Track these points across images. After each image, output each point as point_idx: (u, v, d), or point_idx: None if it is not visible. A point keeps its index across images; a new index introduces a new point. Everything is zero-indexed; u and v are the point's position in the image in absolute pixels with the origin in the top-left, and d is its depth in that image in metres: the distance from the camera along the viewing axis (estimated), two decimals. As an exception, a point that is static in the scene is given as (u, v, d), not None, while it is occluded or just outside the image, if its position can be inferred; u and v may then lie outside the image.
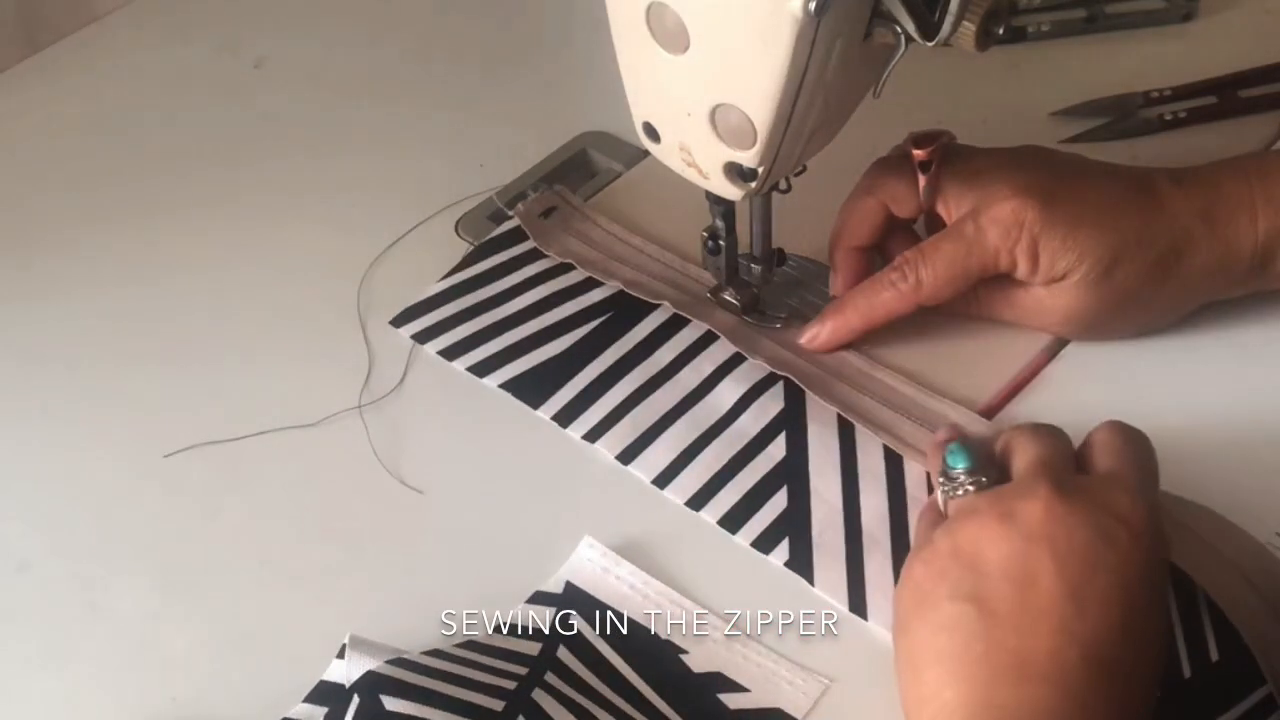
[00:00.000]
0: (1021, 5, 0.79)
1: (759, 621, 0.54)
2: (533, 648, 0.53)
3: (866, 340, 0.62)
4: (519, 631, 0.53)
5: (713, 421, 0.60)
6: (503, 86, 0.80)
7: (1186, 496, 0.55)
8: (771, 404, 0.60)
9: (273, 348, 0.66)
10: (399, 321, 0.66)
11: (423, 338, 0.65)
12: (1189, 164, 0.61)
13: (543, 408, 0.61)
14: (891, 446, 0.58)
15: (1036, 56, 0.78)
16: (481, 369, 0.63)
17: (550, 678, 0.51)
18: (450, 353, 0.64)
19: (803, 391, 0.60)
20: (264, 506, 0.60)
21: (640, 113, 0.57)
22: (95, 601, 0.57)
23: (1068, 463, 0.50)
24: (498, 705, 0.49)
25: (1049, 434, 0.51)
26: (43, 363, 0.67)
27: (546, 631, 0.53)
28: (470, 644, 0.52)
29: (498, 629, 0.53)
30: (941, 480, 0.51)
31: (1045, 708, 0.44)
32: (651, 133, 0.57)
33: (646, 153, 0.61)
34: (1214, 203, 0.58)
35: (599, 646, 0.53)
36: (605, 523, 0.57)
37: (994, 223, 0.58)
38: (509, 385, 0.62)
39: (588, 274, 0.66)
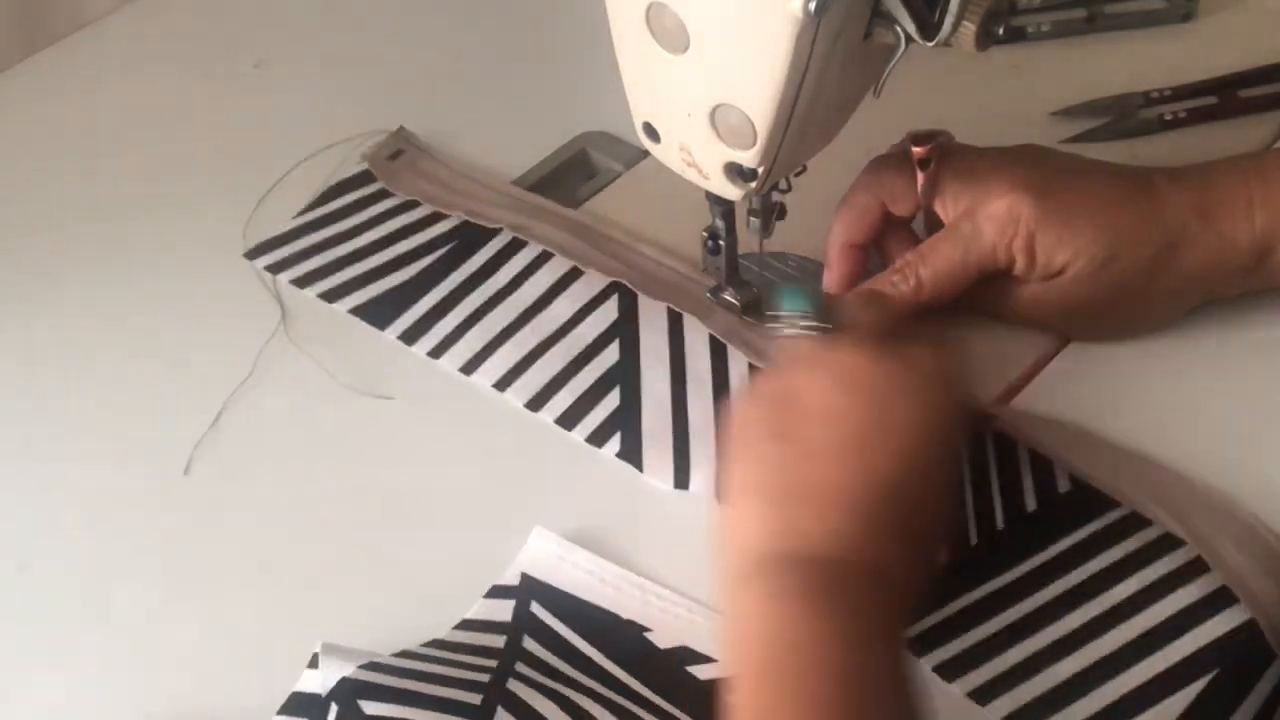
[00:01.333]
0: (1021, 5, 0.79)
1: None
2: (498, 641, 0.53)
3: (867, 340, 0.62)
4: (481, 627, 0.54)
5: (551, 331, 0.65)
6: (503, 86, 0.80)
7: (1180, 496, 0.55)
8: (607, 314, 0.65)
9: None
10: (253, 255, 0.70)
11: (275, 269, 0.70)
12: (1189, 164, 0.61)
13: (390, 328, 0.66)
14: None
15: (1036, 56, 0.78)
16: (331, 295, 0.68)
17: (521, 668, 0.51)
18: (301, 281, 0.69)
19: (636, 301, 0.65)
20: (265, 506, 0.60)
21: (640, 113, 0.57)
22: (95, 601, 0.57)
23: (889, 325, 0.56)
24: (475, 699, 0.49)
25: (877, 294, 0.58)
26: (42, 363, 0.67)
27: (509, 623, 0.54)
28: (436, 643, 0.52)
29: (461, 626, 0.54)
30: (776, 315, 0.56)
31: (837, 530, 0.48)
32: (651, 133, 0.57)
33: (646, 153, 0.61)
34: (1210, 200, 0.58)
35: (563, 633, 0.54)
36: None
37: (990, 220, 0.58)
38: (358, 310, 0.67)
39: (433, 209, 0.71)
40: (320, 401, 0.64)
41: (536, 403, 0.62)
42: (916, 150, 0.59)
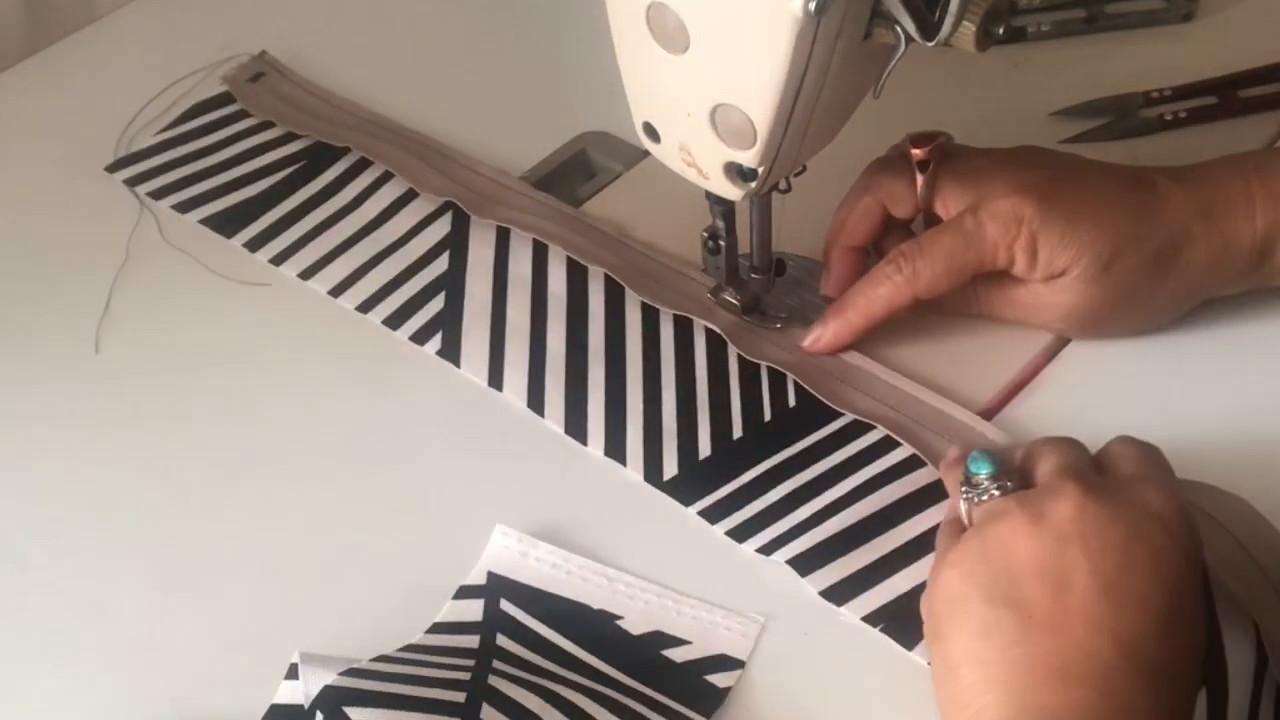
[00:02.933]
0: (1021, 5, 0.79)
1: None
2: (472, 641, 0.53)
3: (867, 342, 0.62)
4: (453, 628, 0.54)
5: (388, 243, 0.69)
6: (503, 86, 0.80)
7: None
8: (440, 229, 0.70)
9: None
10: (114, 168, 0.75)
11: (133, 182, 0.74)
12: (1189, 164, 0.61)
13: (237, 237, 0.70)
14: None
15: (1036, 56, 0.78)
16: (183, 207, 0.72)
17: (499, 664, 0.52)
18: (157, 194, 0.73)
19: (468, 220, 0.69)
20: (265, 506, 0.60)
21: (640, 113, 0.57)
22: (95, 601, 0.57)
23: (1091, 468, 0.50)
24: (459, 697, 0.49)
25: (1069, 443, 0.51)
26: (42, 362, 0.67)
27: (481, 622, 0.54)
28: (411, 647, 0.52)
29: (433, 629, 0.54)
30: (965, 488, 0.50)
31: (1086, 709, 0.43)
32: (651, 133, 0.57)
33: (646, 153, 0.61)
34: (1212, 198, 0.58)
35: (536, 628, 0.54)
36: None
37: (993, 218, 0.58)
38: (209, 220, 0.71)
39: (287, 129, 0.76)
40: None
41: (367, 306, 0.67)
42: (916, 152, 0.59)
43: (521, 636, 0.54)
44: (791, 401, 0.61)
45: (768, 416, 0.61)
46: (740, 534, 0.57)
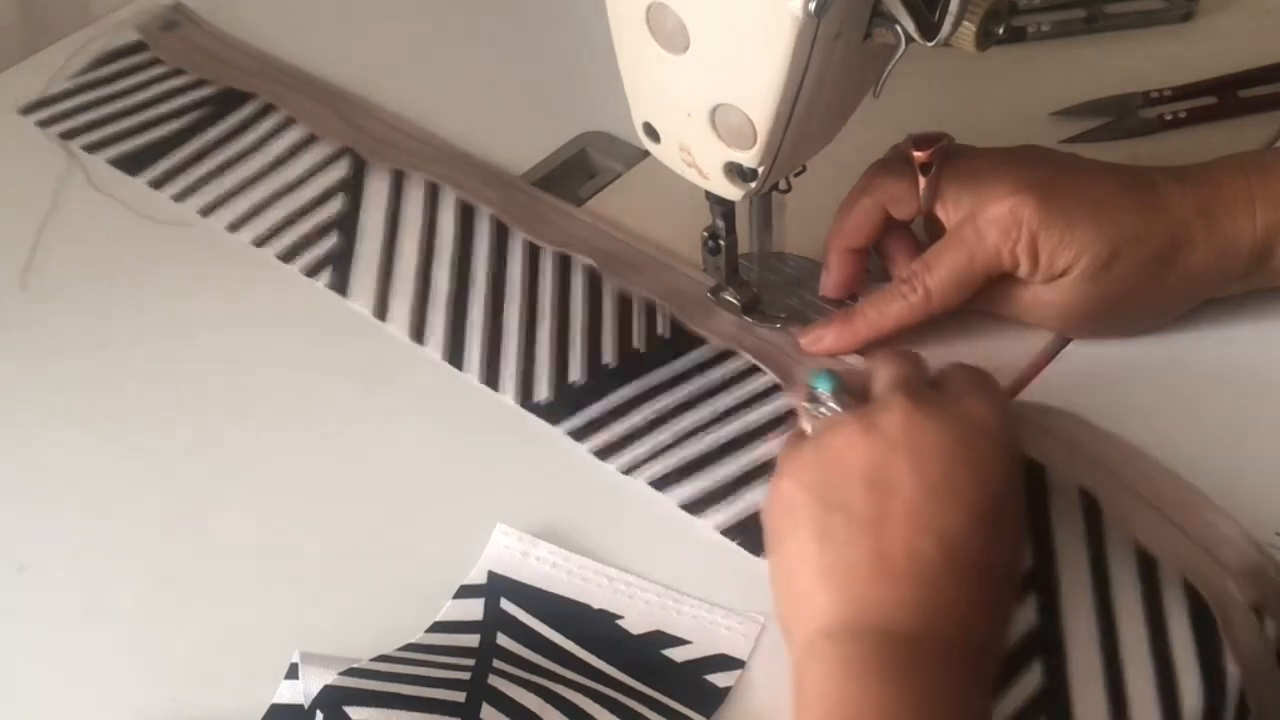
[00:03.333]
0: (1021, 5, 0.79)
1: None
2: (472, 640, 0.53)
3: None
4: (453, 627, 0.54)
5: (287, 183, 0.73)
6: (502, 86, 0.80)
7: (1185, 495, 0.55)
8: (337, 172, 0.73)
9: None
10: (26, 111, 0.78)
11: (45, 124, 0.78)
12: (1189, 164, 0.61)
13: (142, 175, 0.74)
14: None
15: (1036, 56, 0.78)
16: (92, 148, 0.76)
17: (499, 664, 0.52)
18: (68, 135, 0.77)
19: (365, 165, 0.73)
20: (265, 505, 0.60)
21: (640, 113, 0.57)
22: (95, 601, 0.57)
23: (923, 380, 0.53)
24: (459, 697, 0.49)
25: (904, 357, 0.55)
26: (42, 362, 0.67)
27: (481, 621, 0.54)
28: (412, 647, 0.52)
29: (433, 628, 0.54)
30: (806, 404, 0.54)
31: (908, 600, 0.47)
32: (651, 133, 0.57)
33: (646, 153, 0.61)
34: (1212, 198, 0.58)
35: (537, 627, 0.54)
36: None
37: (992, 223, 0.58)
38: (116, 162, 0.75)
39: (197, 76, 0.79)
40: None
41: (262, 240, 0.70)
42: (918, 154, 0.59)
43: (522, 636, 0.54)
44: (662, 331, 0.64)
45: (639, 345, 0.64)
46: (606, 453, 0.60)
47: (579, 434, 0.60)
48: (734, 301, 0.65)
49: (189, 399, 0.64)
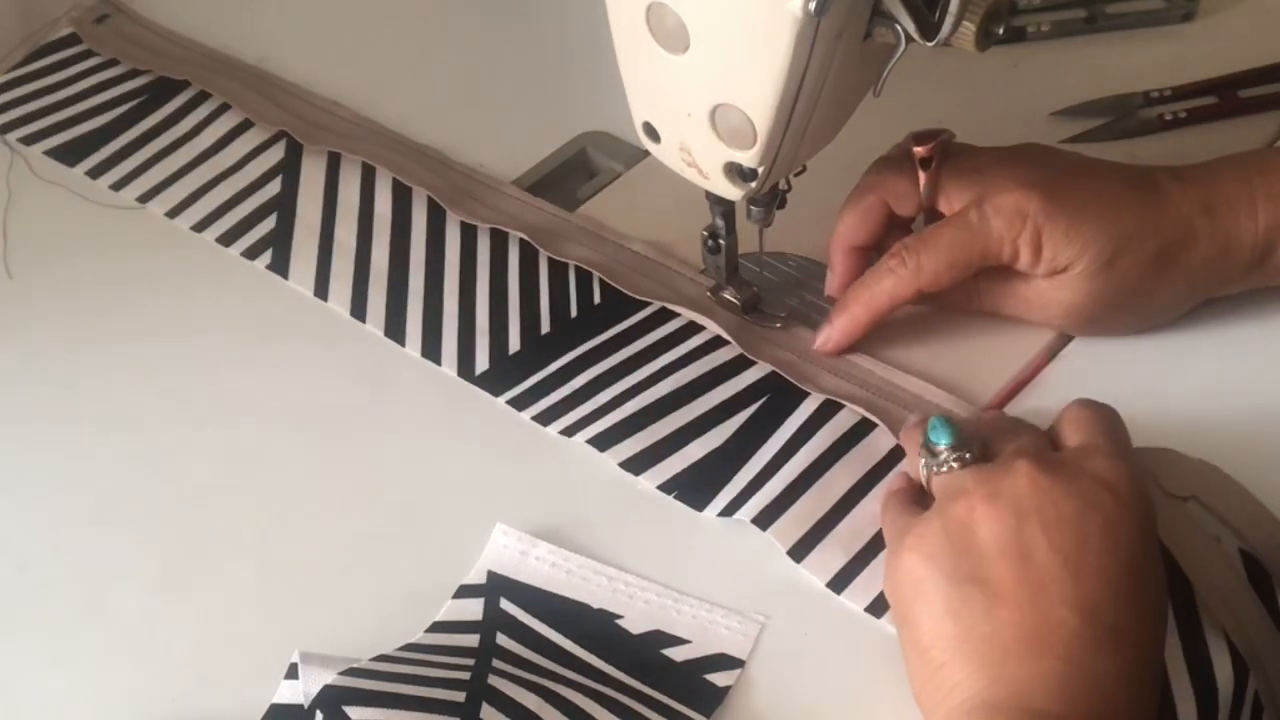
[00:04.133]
0: (1021, 5, 0.79)
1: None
2: (472, 640, 0.53)
3: (868, 338, 0.62)
4: (453, 627, 0.54)
5: (225, 168, 0.75)
6: (503, 86, 0.80)
7: (1184, 492, 0.55)
8: (273, 156, 0.75)
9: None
10: None
11: None
12: (1190, 163, 0.61)
13: (80, 165, 0.75)
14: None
15: (1036, 56, 0.78)
16: (29, 140, 0.77)
17: (499, 664, 0.52)
18: (4, 129, 0.78)
19: (301, 149, 0.74)
20: (265, 505, 0.60)
21: (640, 113, 0.57)
22: (95, 601, 0.57)
23: (1045, 444, 0.51)
24: (459, 697, 0.49)
25: (1022, 424, 0.53)
26: (42, 361, 0.67)
27: (481, 621, 0.54)
28: (411, 646, 0.52)
29: (433, 628, 0.54)
30: (923, 455, 0.51)
31: (1053, 677, 0.44)
32: (651, 133, 0.57)
33: (646, 153, 0.61)
34: (1214, 196, 0.58)
35: (536, 627, 0.54)
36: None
37: (998, 212, 0.58)
38: (53, 152, 0.76)
39: (130, 66, 0.81)
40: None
41: (202, 225, 0.72)
42: (918, 150, 0.59)
43: (521, 636, 0.54)
44: (597, 298, 0.66)
45: (574, 312, 0.65)
46: (545, 418, 0.61)
47: (518, 402, 0.62)
48: (734, 301, 0.65)
49: (182, 396, 0.64)
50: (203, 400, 0.64)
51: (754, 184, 0.55)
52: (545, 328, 0.65)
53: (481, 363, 0.64)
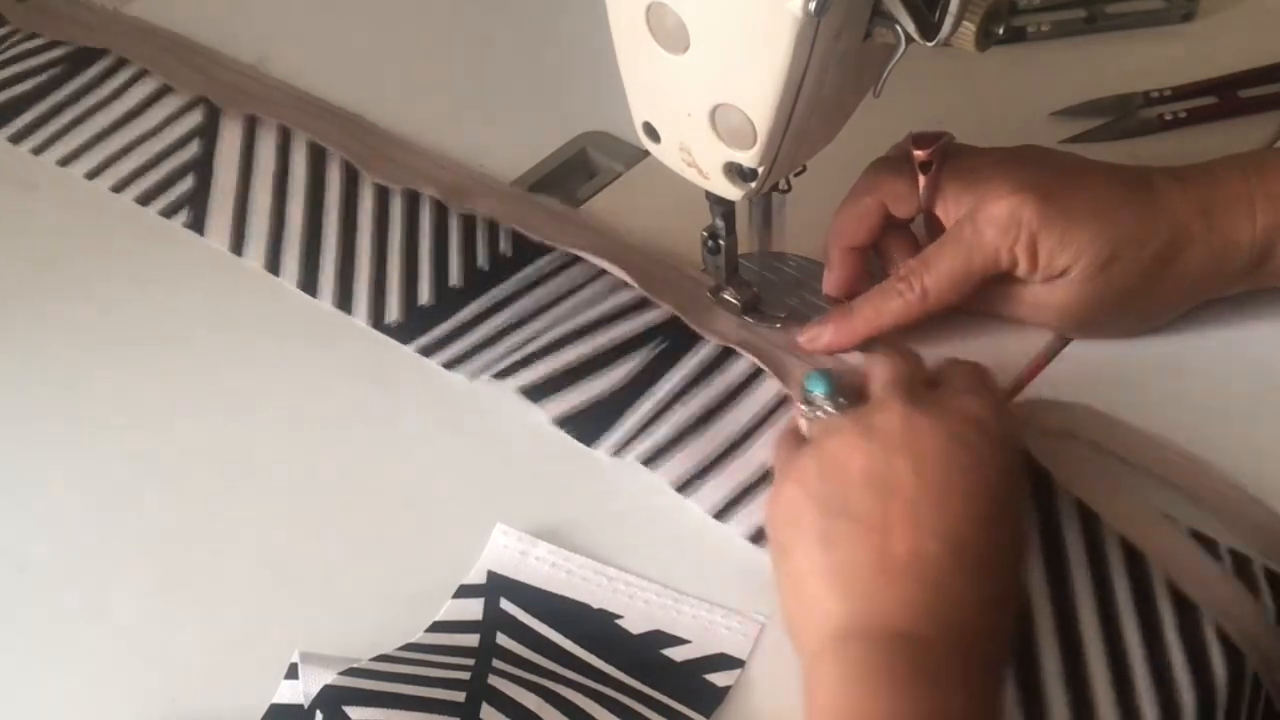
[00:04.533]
0: (1021, 5, 0.79)
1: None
2: (472, 640, 0.53)
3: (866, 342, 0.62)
4: (453, 627, 0.54)
5: (143, 132, 0.77)
6: (503, 86, 0.80)
7: (1183, 497, 0.56)
8: (191, 120, 0.77)
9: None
10: None
11: None
12: (1189, 164, 0.61)
13: (2, 131, 0.78)
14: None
15: (1036, 56, 0.78)
16: None
17: (499, 664, 0.52)
18: None
19: (219, 111, 0.77)
20: (265, 505, 0.60)
21: (640, 113, 0.57)
22: (95, 601, 0.57)
23: (919, 380, 0.54)
24: (459, 697, 0.49)
25: (899, 355, 0.55)
26: (42, 361, 0.67)
27: (481, 621, 0.54)
28: (412, 646, 0.53)
29: (433, 628, 0.54)
30: (803, 406, 0.55)
31: (915, 600, 0.47)
32: (651, 133, 0.57)
33: (646, 153, 0.61)
34: (1212, 199, 0.58)
35: (536, 627, 0.54)
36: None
37: (990, 222, 0.58)
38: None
39: (50, 38, 0.83)
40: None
41: (120, 186, 0.74)
42: (918, 153, 0.59)
43: (521, 636, 0.54)
44: (505, 249, 0.68)
45: (484, 264, 0.68)
46: (454, 363, 0.63)
47: (427, 350, 0.64)
48: (734, 301, 0.65)
49: (173, 392, 0.64)
50: (191, 397, 0.64)
51: (754, 184, 0.55)
52: (455, 280, 0.67)
53: (393, 314, 0.66)
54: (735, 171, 0.55)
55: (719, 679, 0.52)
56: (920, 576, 0.47)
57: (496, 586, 0.55)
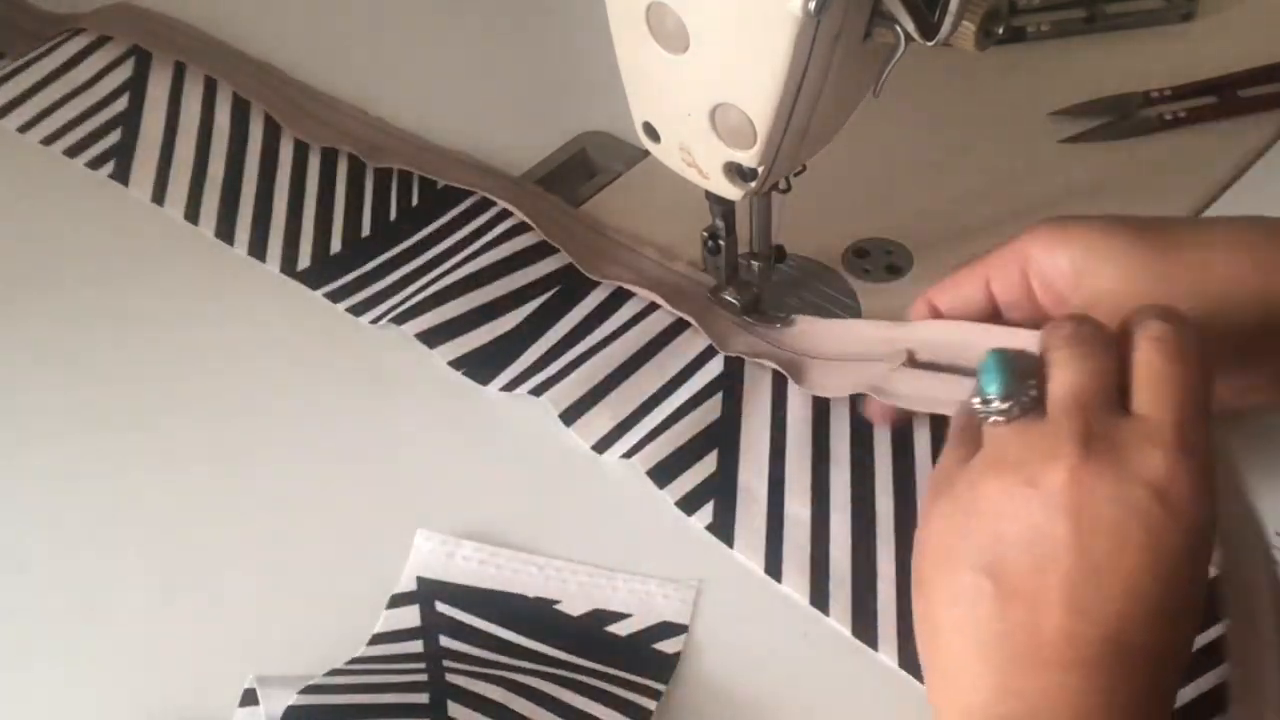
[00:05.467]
0: (1021, 5, 0.79)
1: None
2: (416, 646, 0.53)
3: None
4: (394, 637, 0.53)
5: (74, 87, 0.78)
6: (503, 86, 0.80)
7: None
8: (122, 73, 0.79)
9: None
10: None
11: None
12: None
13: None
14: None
15: (1036, 56, 0.78)
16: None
17: (450, 664, 0.51)
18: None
19: (149, 61, 0.79)
20: (265, 505, 0.60)
21: (640, 113, 0.57)
22: (95, 601, 0.57)
23: (1105, 396, 0.45)
24: (423, 698, 0.49)
25: (1089, 356, 0.46)
26: (42, 360, 0.67)
27: (420, 627, 0.54)
28: (358, 660, 0.52)
29: (374, 640, 0.53)
30: (976, 401, 0.46)
31: (1064, 694, 0.42)
32: (651, 133, 0.57)
33: (646, 153, 0.61)
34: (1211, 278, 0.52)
35: (477, 624, 0.54)
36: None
37: None
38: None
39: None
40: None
41: (50, 140, 0.76)
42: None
43: (464, 635, 0.53)
44: (414, 200, 0.71)
45: (394, 216, 0.70)
46: (359, 309, 0.66)
47: (336, 295, 0.67)
48: (734, 301, 0.65)
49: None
50: (210, 400, 0.64)
51: (754, 184, 0.55)
52: (366, 230, 0.70)
53: (304, 261, 0.69)
54: (735, 171, 0.55)
55: (667, 646, 0.53)
56: (1073, 666, 0.42)
57: (428, 591, 0.55)
